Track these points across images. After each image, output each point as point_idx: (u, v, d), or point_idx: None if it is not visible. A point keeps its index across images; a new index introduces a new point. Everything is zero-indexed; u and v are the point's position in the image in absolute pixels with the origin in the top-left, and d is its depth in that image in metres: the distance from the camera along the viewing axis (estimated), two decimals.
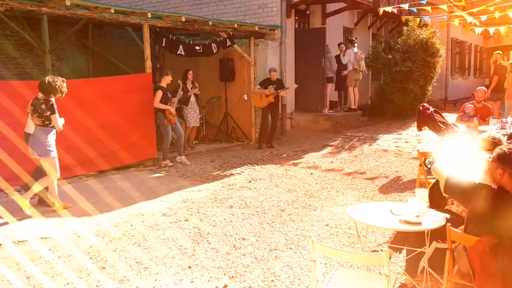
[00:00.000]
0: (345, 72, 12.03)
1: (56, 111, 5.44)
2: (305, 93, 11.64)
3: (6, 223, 5.24)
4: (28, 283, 3.79)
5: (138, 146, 8.09)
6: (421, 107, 7.67)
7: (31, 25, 9.99)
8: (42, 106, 5.38)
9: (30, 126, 5.63)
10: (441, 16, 10.78)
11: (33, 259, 4.27)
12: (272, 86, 9.88)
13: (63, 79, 5.62)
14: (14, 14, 9.07)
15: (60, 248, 4.55)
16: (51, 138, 5.50)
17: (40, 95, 5.45)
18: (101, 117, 7.47)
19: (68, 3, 6.64)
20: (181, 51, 9.12)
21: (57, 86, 5.43)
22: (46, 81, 5.41)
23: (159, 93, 8.01)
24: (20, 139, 5.95)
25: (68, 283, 3.79)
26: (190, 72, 9.54)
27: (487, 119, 7.48)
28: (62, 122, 5.59)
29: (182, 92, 9.06)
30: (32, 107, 5.46)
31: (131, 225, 5.23)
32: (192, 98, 9.61)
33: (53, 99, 5.45)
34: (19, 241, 4.70)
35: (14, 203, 5.85)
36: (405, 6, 10.06)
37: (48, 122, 5.44)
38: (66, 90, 5.59)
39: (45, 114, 5.39)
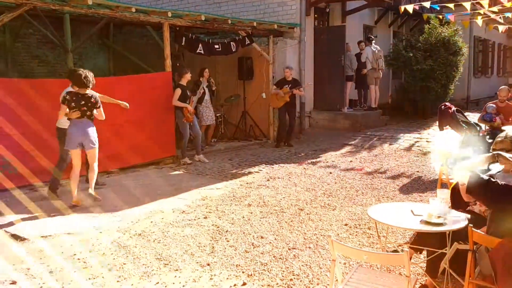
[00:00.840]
0: (364, 71, 11.93)
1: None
2: (324, 91, 11.59)
3: (31, 218, 5.35)
4: (51, 277, 3.87)
5: (158, 144, 8.18)
6: (443, 106, 7.55)
7: (54, 24, 10.15)
8: (91, 100, 5.70)
9: (64, 121, 5.80)
10: (464, 13, 10.59)
11: (57, 254, 4.35)
12: (287, 86, 9.85)
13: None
14: (37, 13, 9.22)
15: (82, 243, 4.63)
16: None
17: (76, 89, 5.69)
18: (121, 115, 7.55)
19: (90, 2, 6.73)
20: (201, 50, 9.18)
21: (92, 79, 5.76)
22: (84, 74, 5.66)
23: (178, 91, 8.07)
24: (47, 134, 6.13)
25: (90, 278, 3.85)
26: (206, 70, 9.58)
27: (510, 119, 7.33)
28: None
29: (203, 91, 9.12)
30: (72, 102, 5.61)
31: (151, 221, 5.28)
32: (207, 96, 9.60)
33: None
34: (42, 236, 4.80)
35: (39, 197, 5.99)
36: (427, 4, 9.90)
37: (91, 114, 5.76)
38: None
39: (92, 107, 5.72)
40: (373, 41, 11.98)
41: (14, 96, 6.35)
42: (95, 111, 5.82)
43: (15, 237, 4.80)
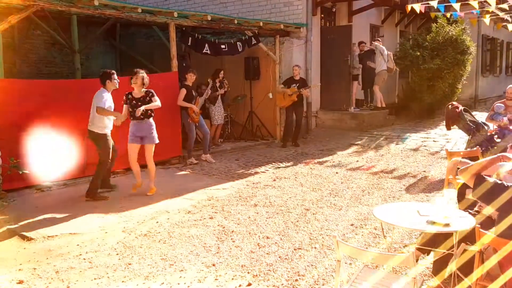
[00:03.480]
0: (371, 64, 11.76)
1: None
2: (331, 91, 11.55)
3: (38, 218, 5.37)
4: (57, 277, 3.88)
5: (164, 144, 8.14)
6: (450, 106, 7.49)
7: (61, 25, 10.23)
8: (152, 98, 6.23)
9: (98, 125, 6.10)
10: (472, 11, 10.51)
11: (62, 254, 4.37)
12: (295, 85, 9.83)
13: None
14: (45, 14, 9.29)
15: (88, 243, 4.64)
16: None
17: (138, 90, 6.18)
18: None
19: (96, 3, 6.77)
20: (207, 50, 9.18)
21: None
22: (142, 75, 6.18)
23: (183, 91, 8.09)
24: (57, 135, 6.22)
25: (95, 278, 3.86)
26: (222, 72, 9.59)
27: None
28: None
29: (210, 91, 9.13)
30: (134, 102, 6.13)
31: (157, 222, 5.29)
32: (218, 97, 9.67)
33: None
34: (49, 236, 4.82)
35: (45, 198, 6.01)
36: (434, 3, 9.83)
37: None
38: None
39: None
40: (381, 43, 11.91)
41: (22, 97, 6.39)
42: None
43: (22, 237, 4.82)
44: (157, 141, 6.43)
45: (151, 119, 6.35)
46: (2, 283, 3.77)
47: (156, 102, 6.28)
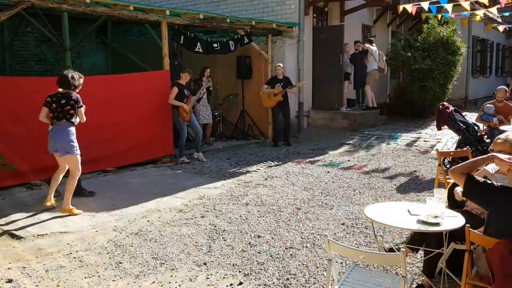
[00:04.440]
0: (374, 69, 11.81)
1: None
2: (323, 91, 11.58)
3: (28, 216, 5.33)
4: (47, 276, 3.85)
5: (156, 143, 8.17)
6: (441, 106, 7.55)
7: (52, 22, 10.13)
8: (70, 102, 5.35)
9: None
10: (464, 13, 10.58)
11: (52, 253, 4.34)
12: (279, 84, 9.81)
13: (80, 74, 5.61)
14: (35, 11, 9.21)
15: (78, 242, 4.61)
16: (74, 133, 5.48)
17: (61, 90, 5.44)
18: (119, 114, 7.55)
19: (88, 0, 6.72)
20: (199, 49, 9.16)
21: (79, 81, 5.48)
22: (70, 76, 5.39)
23: (174, 90, 8.07)
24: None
25: (86, 277, 3.84)
26: (208, 70, 9.57)
27: (508, 118, 7.34)
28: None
29: (204, 91, 9.12)
30: (53, 103, 5.37)
31: (148, 220, 5.27)
32: (204, 95, 9.59)
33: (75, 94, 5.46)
34: (38, 235, 4.78)
35: (35, 196, 5.97)
36: (426, 4, 9.89)
37: (70, 117, 5.38)
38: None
39: (70, 108, 5.36)
40: (374, 44, 11.96)
41: (11, 95, 6.33)
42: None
43: (12, 235, 4.78)
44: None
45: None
46: None
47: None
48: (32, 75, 11.02)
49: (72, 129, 5.44)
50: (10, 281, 3.77)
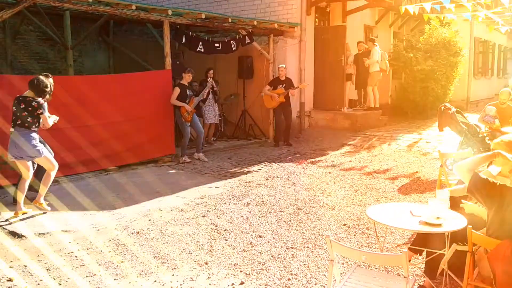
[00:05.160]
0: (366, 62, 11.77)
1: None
2: (324, 91, 11.57)
3: (29, 215, 5.33)
4: (48, 275, 3.86)
5: (157, 142, 8.16)
6: (442, 107, 7.54)
7: (54, 21, 10.14)
8: (29, 108, 5.08)
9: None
10: (465, 14, 10.57)
11: (54, 251, 4.34)
12: (281, 85, 9.82)
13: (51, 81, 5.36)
14: (38, 10, 9.21)
15: (80, 241, 4.62)
16: (36, 137, 5.22)
17: (30, 93, 5.19)
18: (120, 113, 7.56)
19: None
20: (201, 48, 9.16)
21: (49, 89, 5.24)
22: (41, 81, 5.15)
23: (176, 90, 8.07)
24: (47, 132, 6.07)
25: (87, 276, 3.84)
26: (211, 71, 9.58)
27: (510, 120, 7.33)
28: (53, 119, 5.35)
29: (208, 91, 9.12)
30: (14, 106, 5.14)
31: (150, 219, 5.27)
32: (210, 96, 9.63)
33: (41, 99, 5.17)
34: (40, 233, 4.79)
35: (36, 195, 5.95)
36: (428, 5, 9.88)
37: (29, 125, 5.12)
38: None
39: (28, 115, 5.09)
40: (377, 43, 11.94)
41: (12, 93, 6.32)
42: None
43: (13, 234, 4.78)
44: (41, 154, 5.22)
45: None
46: None
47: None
48: (33, 74, 10.96)
49: (34, 134, 5.16)
50: (11, 280, 3.77)
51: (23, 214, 5.35)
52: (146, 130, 7.90)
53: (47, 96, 5.27)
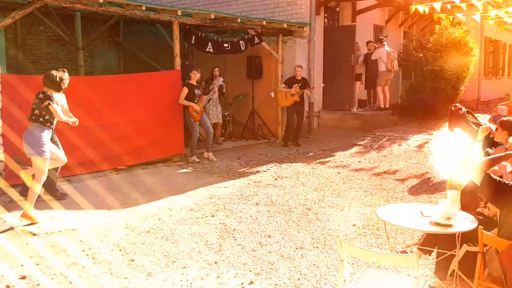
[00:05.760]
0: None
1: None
2: (333, 91, 11.53)
3: (41, 213, 5.38)
4: (59, 273, 3.89)
5: (166, 142, 8.20)
6: (453, 107, 7.48)
7: (65, 21, 10.23)
8: (36, 100, 5.12)
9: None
10: (475, 16, 10.48)
11: (65, 250, 4.39)
12: (297, 85, 9.83)
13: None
14: (49, 11, 9.30)
15: (90, 239, 4.66)
16: (43, 135, 5.14)
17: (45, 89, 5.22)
18: (130, 113, 7.61)
19: (101, 0, 6.77)
20: (210, 49, 9.19)
21: (61, 80, 5.24)
22: (51, 74, 5.19)
23: (185, 90, 8.10)
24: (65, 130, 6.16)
25: (98, 274, 3.88)
26: (216, 69, 9.61)
27: None
28: (71, 120, 5.34)
29: (215, 90, 9.14)
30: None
31: (159, 219, 5.30)
32: (215, 95, 9.59)
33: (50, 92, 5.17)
34: (51, 232, 4.83)
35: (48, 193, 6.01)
36: (438, 4, 9.81)
37: (36, 117, 5.09)
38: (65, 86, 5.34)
39: (35, 108, 5.10)
40: (385, 42, 11.89)
41: (24, 93, 6.39)
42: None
43: (25, 232, 4.83)
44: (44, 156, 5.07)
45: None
46: (5, 279, 3.79)
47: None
48: (44, 73, 11.11)
49: (41, 130, 5.10)
50: (23, 277, 3.81)
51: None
52: (155, 129, 7.94)
53: (63, 87, 5.28)
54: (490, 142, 6.82)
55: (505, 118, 4.37)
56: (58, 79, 5.20)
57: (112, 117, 7.29)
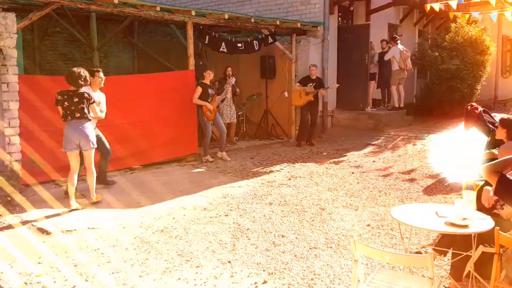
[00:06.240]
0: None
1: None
2: (347, 90, 11.47)
3: (56, 212, 5.46)
4: (75, 271, 3.95)
5: (180, 141, 8.25)
6: (469, 107, 7.37)
7: (80, 22, 10.35)
8: (83, 99, 5.54)
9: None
10: (492, 14, 10.33)
11: (81, 248, 4.44)
12: (311, 84, 9.80)
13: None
14: (65, 12, 9.42)
15: (105, 238, 4.71)
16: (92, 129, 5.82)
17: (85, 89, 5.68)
18: (145, 113, 7.67)
19: (116, 1, 6.84)
20: (223, 49, 9.21)
21: (85, 77, 5.62)
22: (77, 73, 5.49)
23: (198, 90, 8.14)
24: None
25: (112, 273, 3.91)
26: (229, 68, 9.64)
27: None
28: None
29: (230, 89, 9.17)
30: (65, 101, 5.50)
31: (173, 218, 5.33)
32: (228, 95, 9.62)
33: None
34: (67, 230, 4.90)
35: (62, 193, 6.10)
36: (454, 2, 9.69)
37: (85, 114, 5.58)
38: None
39: (84, 106, 5.56)
40: (399, 41, 11.79)
41: (41, 93, 6.49)
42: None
43: (41, 230, 4.91)
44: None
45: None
46: (22, 276, 3.85)
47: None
48: (60, 74, 11.22)
49: (92, 125, 5.77)
50: (40, 275, 3.87)
51: (78, 207, 5.58)
52: (169, 129, 8.00)
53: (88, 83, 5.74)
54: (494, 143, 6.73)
55: (505, 116, 4.33)
56: (85, 75, 5.62)
57: (126, 117, 7.36)
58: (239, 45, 9.50)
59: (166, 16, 7.96)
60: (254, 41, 9.74)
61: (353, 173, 7.55)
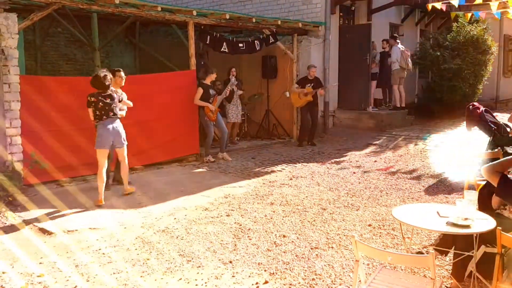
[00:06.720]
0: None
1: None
2: (349, 90, 11.47)
3: (58, 213, 5.47)
4: (76, 271, 3.95)
5: (182, 142, 8.25)
6: (471, 106, 7.36)
7: (82, 23, 10.37)
8: (114, 99, 5.90)
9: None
10: (494, 13, 10.30)
11: (82, 249, 4.44)
12: (309, 85, 9.79)
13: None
14: (66, 12, 9.44)
15: (107, 238, 4.71)
16: None
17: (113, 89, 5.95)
18: (146, 113, 7.66)
19: (117, 1, 6.85)
20: (225, 49, 9.21)
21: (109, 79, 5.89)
22: (102, 76, 5.75)
23: (200, 90, 8.14)
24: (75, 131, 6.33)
25: (114, 273, 3.92)
26: (233, 69, 9.64)
27: None
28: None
29: (229, 89, 9.17)
30: (99, 102, 5.79)
31: (175, 218, 5.34)
32: (235, 95, 9.67)
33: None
34: (69, 231, 4.90)
35: (65, 193, 6.12)
36: (456, 1, 9.67)
37: (116, 113, 5.95)
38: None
39: (116, 105, 5.95)
40: (399, 41, 11.78)
41: (42, 94, 6.50)
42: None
43: (43, 231, 4.91)
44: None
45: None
46: (23, 276, 3.85)
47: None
48: (62, 74, 11.30)
49: (120, 123, 6.07)
50: (41, 275, 3.87)
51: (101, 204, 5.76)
52: (171, 129, 8.00)
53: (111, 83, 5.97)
54: (509, 141, 6.71)
55: None
56: (109, 77, 5.91)
57: (127, 117, 7.34)
58: (241, 45, 9.51)
59: (167, 16, 7.97)
60: (256, 41, 9.74)
61: (354, 173, 7.54)
